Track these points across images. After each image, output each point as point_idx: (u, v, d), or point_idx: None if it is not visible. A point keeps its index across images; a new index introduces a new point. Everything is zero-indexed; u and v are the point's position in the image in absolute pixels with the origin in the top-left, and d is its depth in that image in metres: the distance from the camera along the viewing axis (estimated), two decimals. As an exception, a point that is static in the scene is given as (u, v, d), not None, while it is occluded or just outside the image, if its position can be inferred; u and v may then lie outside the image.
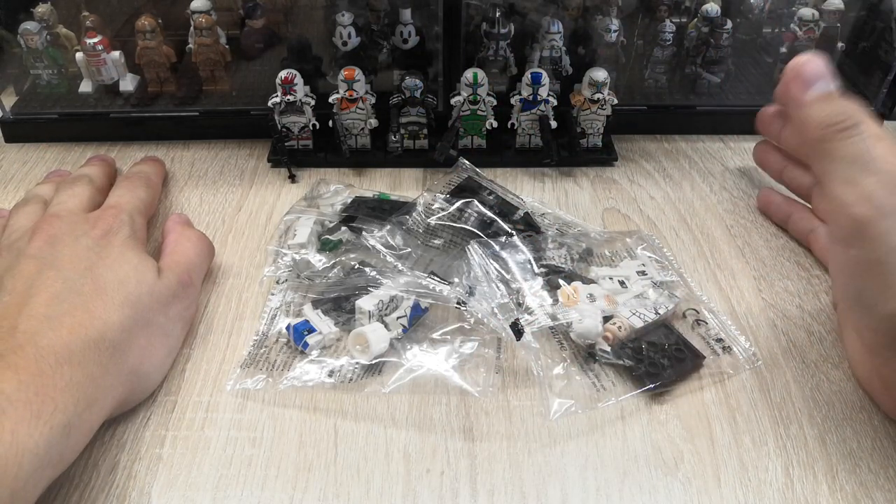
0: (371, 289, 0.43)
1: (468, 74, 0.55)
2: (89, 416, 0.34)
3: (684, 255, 0.50)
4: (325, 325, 0.43)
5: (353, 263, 0.46)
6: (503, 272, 0.43)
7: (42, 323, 0.35)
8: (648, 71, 0.64)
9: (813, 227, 0.50)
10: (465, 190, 0.50)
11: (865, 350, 0.40)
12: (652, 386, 0.40)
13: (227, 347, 0.43)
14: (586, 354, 0.42)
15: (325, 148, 0.58)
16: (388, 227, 0.47)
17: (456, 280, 0.44)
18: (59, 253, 0.40)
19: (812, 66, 0.41)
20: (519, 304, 0.42)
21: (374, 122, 0.57)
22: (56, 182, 0.50)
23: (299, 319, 0.43)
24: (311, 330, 0.42)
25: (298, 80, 0.55)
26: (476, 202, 0.48)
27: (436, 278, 0.43)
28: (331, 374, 0.41)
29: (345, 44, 0.58)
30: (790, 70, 0.41)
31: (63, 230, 0.41)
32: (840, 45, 0.62)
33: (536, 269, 0.44)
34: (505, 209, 0.49)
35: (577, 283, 0.43)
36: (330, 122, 0.56)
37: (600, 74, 0.55)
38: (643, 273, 0.46)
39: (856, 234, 0.36)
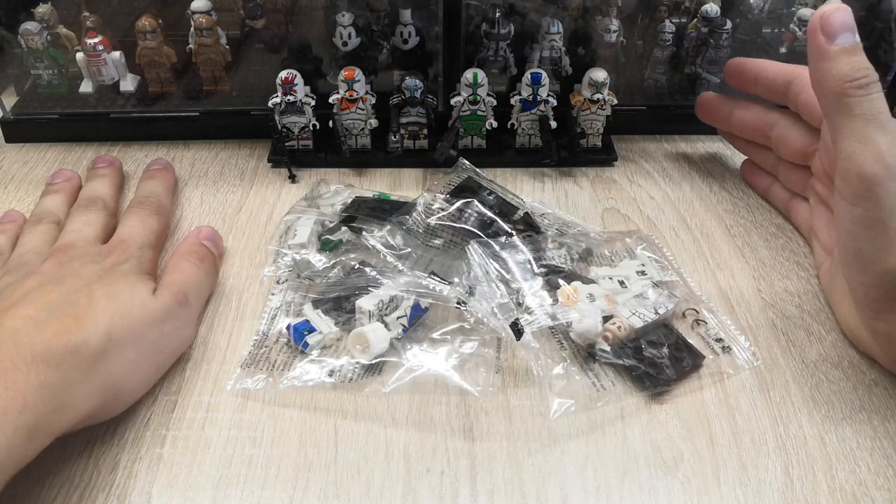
0: (371, 289, 0.43)
1: (468, 75, 0.55)
2: (57, 420, 0.33)
3: (684, 255, 0.50)
4: (325, 324, 0.43)
5: (353, 263, 0.46)
6: (503, 272, 0.43)
7: (26, 322, 0.35)
8: (648, 71, 0.64)
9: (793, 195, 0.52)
10: (465, 190, 0.50)
11: (858, 306, 0.40)
12: (652, 386, 0.40)
13: (228, 347, 0.43)
14: (586, 354, 0.42)
15: (325, 148, 0.58)
16: (388, 227, 0.47)
17: (456, 280, 0.44)
18: (65, 273, 0.40)
19: (839, 16, 0.39)
20: (519, 304, 0.42)
21: (374, 122, 0.57)
22: (66, 193, 0.51)
23: (299, 319, 0.43)
24: (312, 330, 0.42)
25: (299, 80, 0.55)
26: (476, 202, 0.48)
27: (436, 278, 0.43)
28: (331, 373, 0.41)
29: (345, 44, 0.58)
30: (816, 19, 0.39)
31: (74, 257, 0.42)
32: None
33: (536, 269, 0.44)
34: (505, 209, 0.49)
35: (576, 283, 0.43)
36: (330, 123, 0.56)
37: (600, 75, 0.55)
38: (643, 273, 0.46)
39: (862, 193, 0.37)
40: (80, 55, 0.60)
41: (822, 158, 0.48)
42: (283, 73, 0.54)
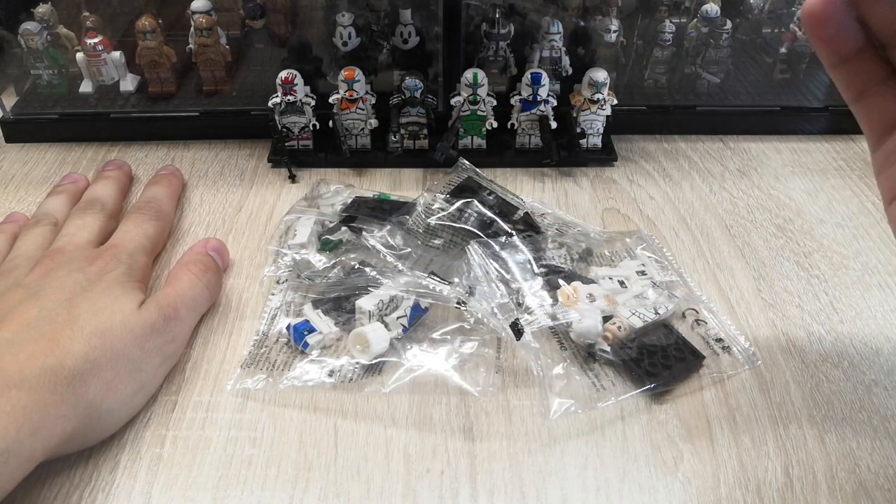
0: (371, 289, 0.43)
1: (468, 75, 0.55)
2: (32, 443, 0.32)
3: (684, 255, 0.50)
4: (325, 324, 0.43)
5: (353, 263, 0.46)
6: (503, 272, 0.43)
7: (0, 346, 0.35)
8: (648, 71, 0.64)
9: None
10: (465, 190, 0.50)
11: None
12: (652, 386, 0.40)
13: (228, 347, 0.43)
14: (586, 354, 0.42)
15: (325, 148, 0.58)
16: (388, 227, 0.47)
17: (456, 280, 0.44)
18: (47, 284, 0.39)
19: None
20: (519, 304, 0.42)
21: (374, 122, 0.57)
22: (69, 194, 0.51)
23: (299, 319, 0.43)
24: (312, 330, 0.42)
25: (299, 80, 0.55)
26: (476, 202, 0.48)
27: (436, 278, 0.43)
28: (331, 373, 0.41)
29: (345, 44, 0.58)
30: None
31: (61, 263, 0.41)
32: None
33: (536, 269, 0.44)
34: (505, 209, 0.49)
35: (576, 283, 0.43)
36: (330, 123, 0.56)
37: (600, 75, 0.55)
38: (643, 273, 0.46)
39: None
40: (80, 55, 0.60)
41: None
42: (283, 73, 0.54)
